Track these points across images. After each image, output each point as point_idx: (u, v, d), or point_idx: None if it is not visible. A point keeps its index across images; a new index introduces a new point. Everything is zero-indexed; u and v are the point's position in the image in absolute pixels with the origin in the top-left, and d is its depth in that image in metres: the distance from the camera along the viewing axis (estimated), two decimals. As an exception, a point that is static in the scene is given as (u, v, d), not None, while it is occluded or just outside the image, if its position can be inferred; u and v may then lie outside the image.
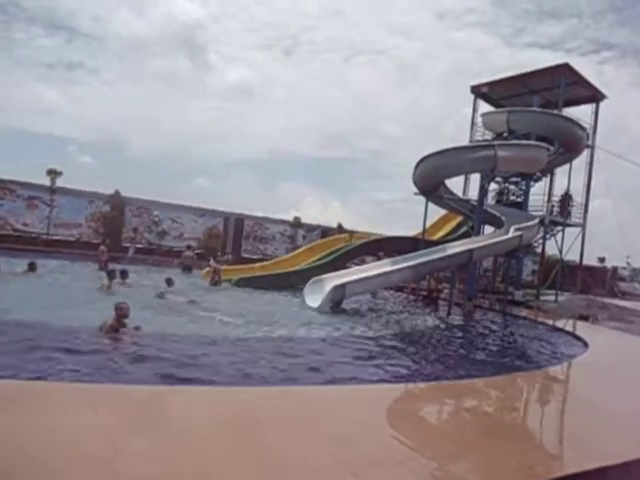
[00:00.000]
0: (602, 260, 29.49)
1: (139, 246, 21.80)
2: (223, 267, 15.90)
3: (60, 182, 20.82)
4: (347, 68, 59.40)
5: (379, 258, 17.37)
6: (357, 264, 17.58)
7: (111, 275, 11.05)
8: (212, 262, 15.16)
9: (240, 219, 26.14)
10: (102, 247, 15.97)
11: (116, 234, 21.67)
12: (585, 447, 3.79)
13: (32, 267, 11.96)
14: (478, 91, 22.86)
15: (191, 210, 24.87)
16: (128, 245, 21.30)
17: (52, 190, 20.61)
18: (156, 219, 23.72)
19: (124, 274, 11.62)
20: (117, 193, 22.52)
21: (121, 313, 6.65)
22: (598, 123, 21.81)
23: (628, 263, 28.45)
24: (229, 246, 25.14)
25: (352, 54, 62.80)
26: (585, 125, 19.99)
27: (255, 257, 24.25)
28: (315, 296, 11.96)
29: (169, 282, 11.31)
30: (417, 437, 3.66)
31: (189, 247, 19.58)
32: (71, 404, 3.49)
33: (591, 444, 3.85)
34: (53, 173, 20.48)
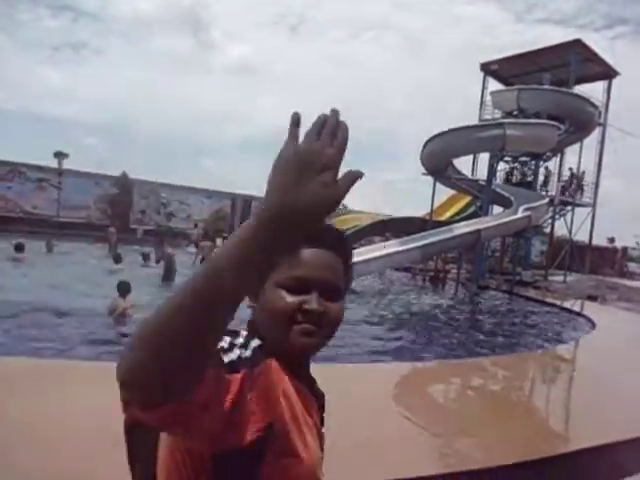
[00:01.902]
0: (612, 240, 29.23)
1: (147, 228, 21.94)
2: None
3: (67, 164, 20.91)
4: (354, 45, 58.50)
5: (386, 239, 17.35)
6: (364, 245, 17.56)
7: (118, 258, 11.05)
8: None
9: (247, 200, 26.16)
10: (111, 229, 16.09)
11: (124, 216, 21.81)
12: (590, 423, 3.81)
13: (50, 247, 12.53)
14: (488, 69, 22.43)
15: (198, 192, 24.92)
16: (136, 227, 21.46)
17: (59, 172, 20.70)
18: (164, 201, 23.82)
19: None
20: (124, 175, 22.59)
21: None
22: (610, 100, 21.41)
23: (638, 243, 28.21)
24: (236, 227, 25.22)
25: (358, 31, 61.76)
26: (597, 103, 19.61)
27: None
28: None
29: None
30: (424, 415, 3.69)
31: (196, 226, 19.77)
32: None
33: (596, 421, 3.87)
34: (60, 155, 20.53)
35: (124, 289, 6.72)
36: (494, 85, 22.79)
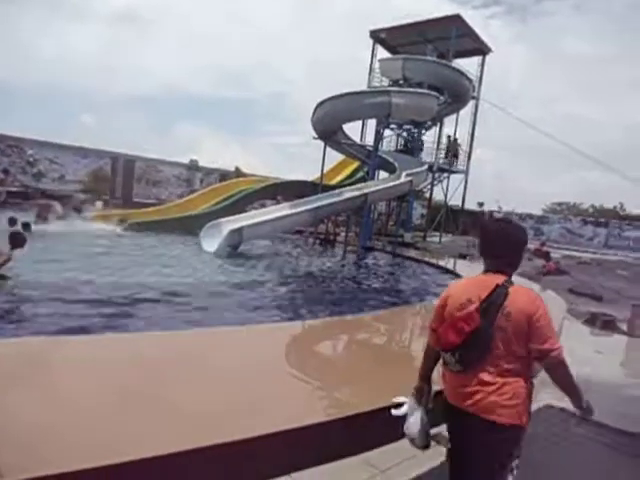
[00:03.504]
0: (481, 205, 32.38)
1: (12, 189, 19.49)
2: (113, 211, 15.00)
3: None
4: (247, 3, 56.07)
5: (278, 202, 17.39)
6: (256, 208, 17.44)
7: None
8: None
9: (131, 161, 24.37)
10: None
11: (-19, 175, 19.12)
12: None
13: None
14: (377, 36, 22.98)
15: (72, 150, 22.61)
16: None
17: None
18: (30, 159, 21.26)
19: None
20: (-21, 128, 19.66)
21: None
22: (483, 76, 23.23)
23: (500, 207, 31.60)
24: (118, 190, 23.45)
25: (251, -13, 59.26)
26: (472, 77, 21.16)
27: (148, 202, 23.01)
28: (212, 240, 11.73)
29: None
30: (308, 370, 3.85)
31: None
32: None
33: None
34: None
35: (17, 241, 5.91)
36: (383, 54, 23.48)
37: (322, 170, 18.22)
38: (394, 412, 2.23)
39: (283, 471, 2.54)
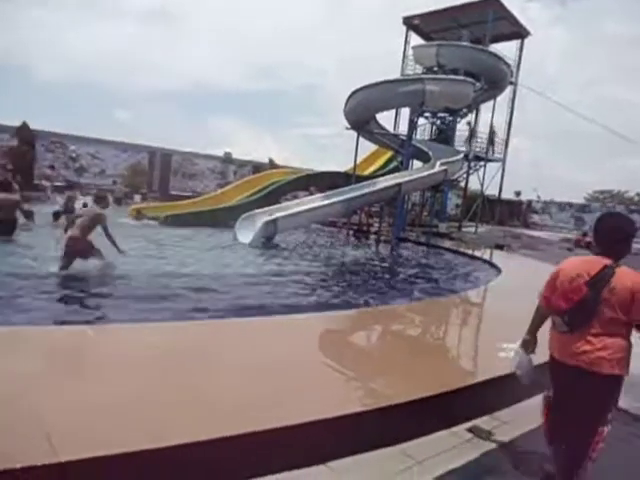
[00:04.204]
0: (518, 194, 31.53)
1: (57, 184, 20.30)
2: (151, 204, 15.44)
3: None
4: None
5: (311, 193, 17.43)
6: (289, 200, 17.55)
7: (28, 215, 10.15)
8: None
9: (167, 155, 24.93)
10: (15, 185, 14.69)
11: (27, 171, 19.96)
12: (496, 358, 4.20)
13: None
14: (410, 23, 22.53)
15: (112, 145, 23.30)
16: (44, 183, 19.77)
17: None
18: (73, 154, 22.04)
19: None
20: (25, 125, 20.49)
21: None
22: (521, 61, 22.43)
23: (538, 196, 30.67)
24: (156, 183, 24.04)
25: (282, -22, 59.07)
26: (509, 62, 20.49)
27: (185, 194, 23.50)
28: (247, 232, 11.90)
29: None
30: (343, 360, 3.87)
31: (115, 182, 18.70)
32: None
33: (501, 355, 4.27)
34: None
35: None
36: (416, 40, 23.02)
37: (355, 160, 18.12)
38: (503, 354, 3.02)
39: (320, 460, 2.57)
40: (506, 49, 21.95)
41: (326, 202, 13.75)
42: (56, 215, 11.06)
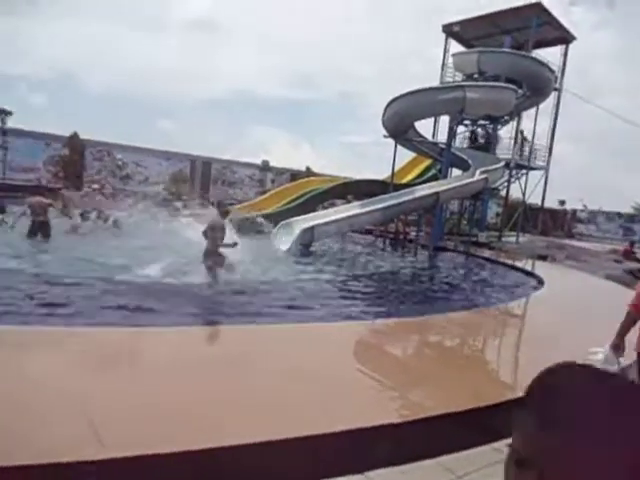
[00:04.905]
0: (562, 203, 30.49)
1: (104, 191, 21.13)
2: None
3: (11, 123, 19.68)
4: (318, 4, 56.73)
5: (348, 201, 17.44)
6: (326, 207, 17.62)
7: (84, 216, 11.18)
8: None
9: (207, 163, 25.55)
10: (65, 192, 15.50)
11: (76, 178, 20.91)
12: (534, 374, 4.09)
13: None
14: (450, 30, 22.30)
15: (156, 153, 24.09)
16: (93, 188, 20.62)
17: (3, 132, 19.49)
18: (119, 163, 22.93)
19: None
20: (75, 135, 21.51)
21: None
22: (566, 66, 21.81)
23: (585, 206, 29.55)
24: (196, 191, 24.66)
25: (323, -10, 59.83)
26: (553, 67, 19.96)
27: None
28: (284, 239, 12.03)
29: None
30: (380, 370, 3.86)
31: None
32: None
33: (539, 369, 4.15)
34: (3, 113, 19.28)
35: None
36: (456, 47, 22.77)
37: (393, 168, 18.03)
38: (591, 357, 2.97)
39: (358, 469, 2.57)
40: (548, 53, 21.42)
41: (364, 210, 13.75)
42: (83, 216, 11.92)
